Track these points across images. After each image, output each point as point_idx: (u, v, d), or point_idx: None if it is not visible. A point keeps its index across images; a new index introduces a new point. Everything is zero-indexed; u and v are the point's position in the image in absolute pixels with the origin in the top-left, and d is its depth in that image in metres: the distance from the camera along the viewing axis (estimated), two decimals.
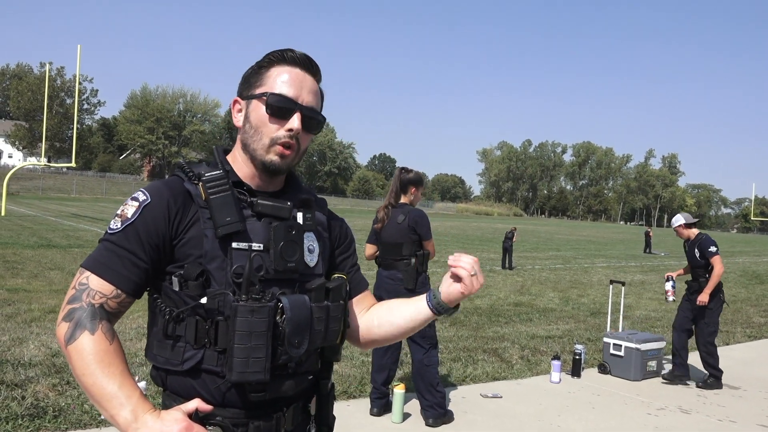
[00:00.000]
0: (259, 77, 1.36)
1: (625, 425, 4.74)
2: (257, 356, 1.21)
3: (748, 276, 19.52)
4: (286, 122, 1.33)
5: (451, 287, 1.40)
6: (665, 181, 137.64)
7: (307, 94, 1.36)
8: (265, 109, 1.33)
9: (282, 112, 1.32)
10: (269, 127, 1.33)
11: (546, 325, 8.78)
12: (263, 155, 1.34)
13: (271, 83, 1.34)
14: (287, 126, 1.32)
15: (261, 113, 1.34)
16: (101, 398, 1.17)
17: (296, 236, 1.33)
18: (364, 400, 4.91)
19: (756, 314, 11.18)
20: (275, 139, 1.33)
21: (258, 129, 1.34)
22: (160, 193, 1.30)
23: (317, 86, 1.40)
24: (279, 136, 1.33)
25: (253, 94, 1.36)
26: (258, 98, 1.34)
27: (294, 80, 1.34)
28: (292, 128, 1.32)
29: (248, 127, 1.36)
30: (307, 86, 1.36)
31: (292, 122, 1.32)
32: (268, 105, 1.32)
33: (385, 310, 1.53)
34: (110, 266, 1.25)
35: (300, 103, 1.34)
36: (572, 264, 20.35)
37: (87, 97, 75.48)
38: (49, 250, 14.25)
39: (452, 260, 1.39)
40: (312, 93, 1.37)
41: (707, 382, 6.00)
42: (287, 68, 1.35)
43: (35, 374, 4.84)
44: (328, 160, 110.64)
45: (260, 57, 1.41)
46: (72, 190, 57.34)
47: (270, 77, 1.35)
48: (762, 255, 33.96)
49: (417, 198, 4.65)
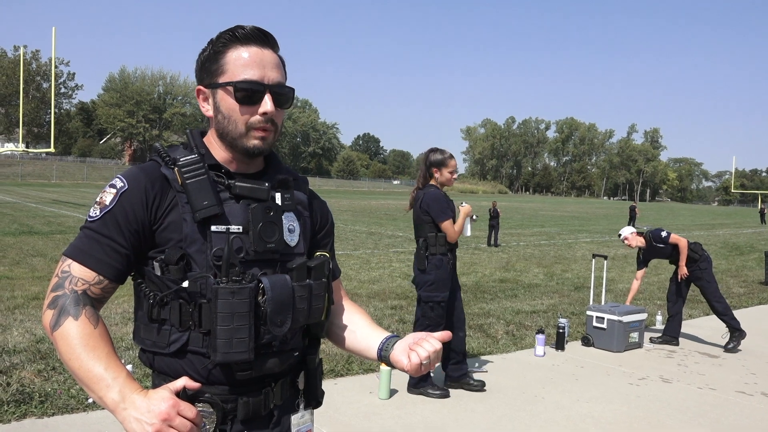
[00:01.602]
0: (217, 63, 1.32)
1: (607, 395, 4.84)
2: (240, 336, 1.23)
3: (728, 248, 19.85)
4: (258, 106, 1.31)
5: (400, 355, 1.37)
6: (647, 155, 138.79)
7: (270, 71, 1.32)
8: (234, 98, 1.30)
9: (251, 97, 1.30)
10: (242, 115, 1.31)
11: (531, 301, 8.88)
12: (244, 142, 1.33)
13: (232, 69, 1.30)
14: (260, 110, 1.31)
15: (230, 102, 1.31)
16: (88, 381, 1.18)
17: (275, 217, 1.34)
18: (351, 378, 4.96)
19: (736, 285, 11.39)
20: (251, 125, 1.32)
21: (231, 118, 1.32)
22: (137, 178, 1.30)
23: (278, 58, 1.36)
24: (254, 122, 1.31)
25: (216, 83, 1.32)
26: (223, 87, 1.31)
27: (254, 60, 1.30)
28: (266, 111, 1.31)
29: (221, 118, 1.33)
30: (269, 62, 1.32)
31: (265, 105, 1.31)
32: (236, 94, 1.30)
33: (349, 324, 1.56)
34: (91, 253, 1.27)
35: (267, 83, 1.31)
36: (556, 240, 20.54)
37: (64, 80, 74.18)
38: (31, 237, 14.09)
39: (416, 338, 1.36)
40: (275, 67, 1.33)
41: (731, 338, 6.41)
42: (243, 48, 1.31)
43: (20, 360, 4.82)
44: (312, 140, 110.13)
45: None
46: (52, 176, 56.53)
47: (229, 62, 1.31)
48: (742, 227, 34.51)
49: (444, 178, 4.60)
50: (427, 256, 4.52)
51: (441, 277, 4.52)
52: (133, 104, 77.84)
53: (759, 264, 14.62)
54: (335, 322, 1.56)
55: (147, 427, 1.12)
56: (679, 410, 4.56)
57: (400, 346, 1.39)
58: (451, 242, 4.54)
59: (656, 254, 6.81)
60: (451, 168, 4.58)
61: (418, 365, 1.32)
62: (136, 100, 78.07)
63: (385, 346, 1.43)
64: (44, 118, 70.14)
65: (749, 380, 5.38)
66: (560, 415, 4.39)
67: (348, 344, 1.53)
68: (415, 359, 1.32)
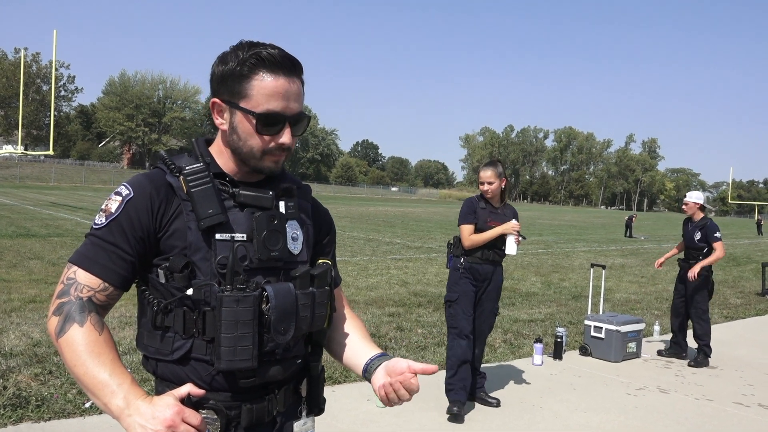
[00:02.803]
0: (241, 86, 1.29)
1: (605, 405, 4.83)
2: (244, 344, 1.24)
3: (725, 258, 19.86)
4: (276, 136, 1.31)
5: (378, 386, 1.39)
6: (645, 165, 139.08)
7: (293, 102, 1.31)
8: (255, 125, 1.30)
9: (271, 128, 1.31)
10: (260, 140, 1.32)
11: (528, 309, 8.88)
12: (257, 163, 1.34)
13: (256, 97, 1.28)
14: (279, 140, 1.32)
15: (249, 128, 1.31)
16: (93, 387, 1.19)
17: (278, 225, 1.35)
18: (348, 385, 4.95)
19: (732, 296, 11.41)
20: (267, 150, 1.33)
21: (247, 142, 1.32)
22: (143, 186, 1.31)
23: (301, 86, 1.34)
24: (271, 149, 1.33)
25: (237, 105, 1.31)
26: (244, 112, 1.30)
27: (280, 92, 1.29)
28: (285, 143, 1.32)
29: (236, 138, 1.33)
30: (293, 93, 1.31)
31: (284, 138, 1.32)
32: (257, 123, 1.30)
33: (344, 336, 1.56)
34: (96, 260, 1.27)
35: (288, 114, 1.31)
36: (554, 248, 20.55)
37: (64, 83, 74.28)
38: (28, 240, 14.05)
39: (398, 372, 1.36)
40: (298, 98, 1.33)
41: (696, 359, 6.25)
42: (270, 77, 1.28)
43: (17, 364, 4.80)
44: (311, 146, 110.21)
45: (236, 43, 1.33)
46: (50, 179, 56.47)
47: (254, 88, 1.28)
48: (739, 237, 34.57)
49: (481, 188, 4.69)
50: (449, 255, 4.78)
51: (453, 278, 4.67)
52: (132, 108, 77.81)
53: (756, 275, 14.64)
54: (332, 335, 1.57)
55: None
56: (676, 421, 4.55)
57: (380, 374, 1.40)
58: (465, 247, 4.60)
59: (689, 239, 6.47)
60: (481, 179, 4.72)
61: (394, 400, 1.36)
62: (136, 104, 78.04)
63: (368, 367, 1.44)
64: (44, 120, 70.13)
65: (746, 391, 5.38)
66: (558, 424, 4.38)
67: (342, 357, 1.55)
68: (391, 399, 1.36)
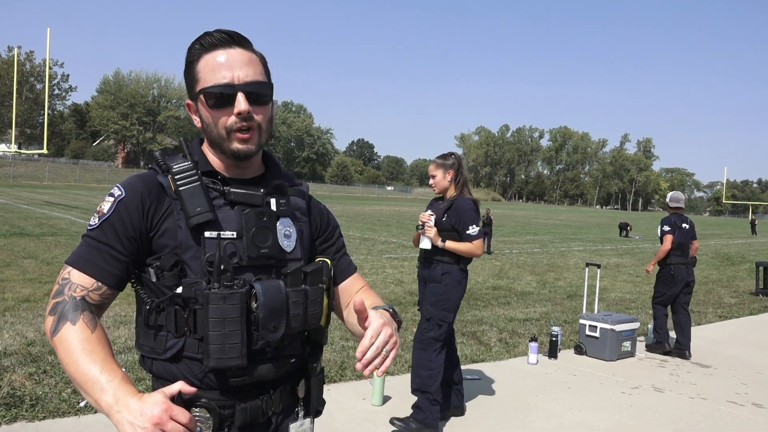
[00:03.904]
0: (191, 75, 1.35)
1: (600, 404, 4.85)
2: (232, 342, 1.23)
3: (719, 258, 19.96)
4: (232, 108, 1.31)
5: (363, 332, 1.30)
6: (640, 165, 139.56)
7: (239, 70, 1.31)
8: (208, 104, 1.32)
9: (223, 100, 1.30)
10: (219, 119, 1.32)
11: (524, 308, 8.90)
12: (228, 146, 1.34)
13: (203, 77, 1.32)
14: (235, 110, 1.30)
15: (207, 110, 1.33)
16: (84, 384, 1.19)
17: (268, 222, 1.34)
18: (344, 384, 4.95)
19: (727, 295, 11.46)
20: (229, 127, 1.32)
21: (210, 124, 1.34)
22: (134, 187, 1.32)
23: (249, 55, 1.34)
24: (232, 124, 1.32)
25: (195, 93, 1.35)
26: (199, 97, 1.34)
27: (221, 64, 1.30)
28: (240, 111, 1.30)
29: (205, 126, 1.36)
30: (237, 61, 1.31)
31: (238, 105, 1.30)
32: (208, 101, 1.31)
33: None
34: (90, 260, 1.29)
35: (237, 83, 1.30)
36: (549, 248, 20.59)
37: (58, 82, 73.85)
38: (22, 239, 13.99)
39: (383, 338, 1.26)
40: (246, 65, 1.32)
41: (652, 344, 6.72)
42: (211, 54, 1.32)
43: (11, 363, 4.78)
44: (306, 145, 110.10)
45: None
46: (44, 178, 56.21)
47: (200, 71, 1.32)
48: (733, 237, 34.72)
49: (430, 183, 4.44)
50: None
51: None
52: (127, 107, 77.53)
53: (750, 274, 14.71)
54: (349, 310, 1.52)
55: (139, 431, 1.12)
56: (671, 420, 4.57)
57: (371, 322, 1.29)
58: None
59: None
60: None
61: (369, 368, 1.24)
62: (130, 103, 77.76)
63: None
64: (37, 119, 69.79)
65: (740, 390, 5.41)
66: (553, 423, 4.39)
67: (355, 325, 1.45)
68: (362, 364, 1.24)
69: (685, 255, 6.61)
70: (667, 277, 6.62)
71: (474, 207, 4.18)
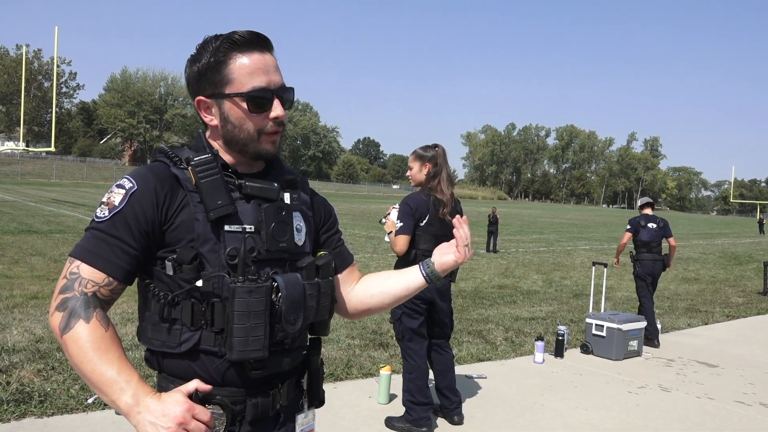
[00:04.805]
0: (221, 74, 1.32)
1: (606, 403, 4.84)
2: (256, 335, 1.24)
3: (727, 257, 19.87)
4: (268, 112, 1.33)
5: (444, 257, 1.50)
6: (647, 164, 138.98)
7: (274, 75, 1.34)
8: (245, 107, 1.32)
9: (261, 104, 1.32)
10: (253, 121, 1.33)
11: (530, 307, 8.88)
12: (256, 146, 1.35)
13: (239, 79, 1.31)
14: (272, 115, 1.33)
15: (240, 112, 1.32)
16: (101, 384, 1.18)
17: (286, 216, 1.35)
18: (350, 382, 4.96)
19: (734, 294, 11.40)
20: (262, 129, 1.33)
21: (242, 126, 1.33)
22: (146, 179, 1.30)
23: (275, 59, 1.37)
24: (265, 126, 1.33)
25: (223, 94, 1.33)
26: (231, 98, 1.32)
27: (259, 67, 1.32)
28: (278, 116, 1.33)
29: (231, 127, 1.34)
30: (271, 66, 1.34)
31: (276, 110, 1.33)
32: (247, 103, 1.31)
33: (377, 280, 1.60)
34: (100, 254, 1.25)
35: (273, 88, 1.33)
36: (555, 247, 20.55)
37: (65, 80, 74.21)
38: (30, 236, 14.07)
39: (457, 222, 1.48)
40: (277, 70, 1.35)
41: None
42: (245, 56, 1.31)
43: (19, 360, 4.81)
44: (312, 144, 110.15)
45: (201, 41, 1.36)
46: (52, 175, 56.46)
47: (233, 72, 1.31)
48: (741, 237, 34.54)
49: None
50: None
51: None
52: (134, 105, 77.79)
53: (757, 274, 14.63)
54: (368, 292, 1.58)
55: (162, 431, 1.12)
56: (678, 419, 4.56)
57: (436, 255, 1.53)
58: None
59: None
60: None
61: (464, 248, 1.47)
62: (137, 101, 78.02)
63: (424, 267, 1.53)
64: (45, 117, 70.15)
65: (748, 390, 5.38)
66: (559, 422, 4.39)
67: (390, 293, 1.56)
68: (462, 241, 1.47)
69: (650, 251, 7.18)
70: (637, 270, 7.25)
71: (411, 202, 3.98)
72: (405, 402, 4.09)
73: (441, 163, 4.07)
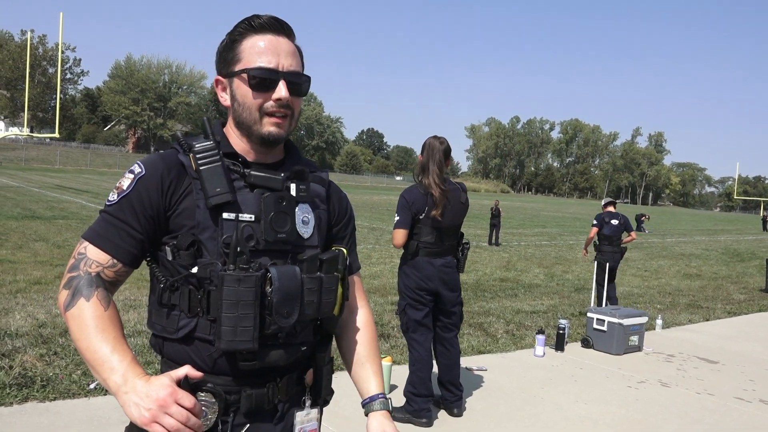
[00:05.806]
0: (233, 52, 1.34)
1: (606, 398, 4.85)
2: (245, 325, 1.23)
3: (729, 254, 19.84)
4: (272, 93, 1.31)
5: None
6: (651, 159, 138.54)
7: (285, 58, 1.33)
8: (248, 84, 1.31)
9: (265, 84, 1.31)
10: (256, 100, 1.32)
11: (531, 301, 8.89)
12: (259, 129, 1.33)
13: (247, 57, 1.31)
14: (274, 96, 1.31)
15: (245, 90, 1.32)
16: (94, 362, 1.20)
17: (287, 207, 1.33)
18: None
19: (736, 291, 11.39)
20: (265, 110, 1.32)
21: (245, 105, 1.33)
22: (155, 165, 1.31)
23: (293, 46, 1.37)
24: (268, 107, 1.32)
25: (233, 71, 1.34)
26: (238, 75, 1.33)
27: (269, 48, 1.32)
28: (280, 97, 1.31)
29: (237, 105, 1.34)
30: (284, 50, 1.33)
31: (279, 92, 1.31)
32: (250, 80, 1.31)
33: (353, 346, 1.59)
34: (107, 236, 1.28)
35: (281, 71, 1.32)
36: (557, 240, 20.53)
37: (70, 66, 74.10)
38: (33, 222, 14.11)
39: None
40: (290, 55, 1.34)
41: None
42: (258, 37, 1.32)
43: (22, 344, 4.84)
44: (316, 134, 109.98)
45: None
46: (56, 161, 56.55)
47: (244, 50, 1.32)
48: (744, 233, 34.47)
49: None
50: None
51: None
52: (138, 92, 77.71)
53: (759, 271, 14.61)
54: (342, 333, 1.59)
55: (144, 412, 1.13)
56: (677, 415, 4.57)
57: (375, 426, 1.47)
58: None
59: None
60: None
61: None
62: (142, 88, 77.92)
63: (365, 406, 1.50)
64: (49, 103, 70.09)
65: (747, 386, 5.39)
66: (559, 415, 4.40)
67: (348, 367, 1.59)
68: None
69: (611, 244, 8.12)
70: (599, 259, 8.19)
71: (408, 195, 4.00)
72: (406, 393, 4.11)
73: (427, 156, 4.04)
